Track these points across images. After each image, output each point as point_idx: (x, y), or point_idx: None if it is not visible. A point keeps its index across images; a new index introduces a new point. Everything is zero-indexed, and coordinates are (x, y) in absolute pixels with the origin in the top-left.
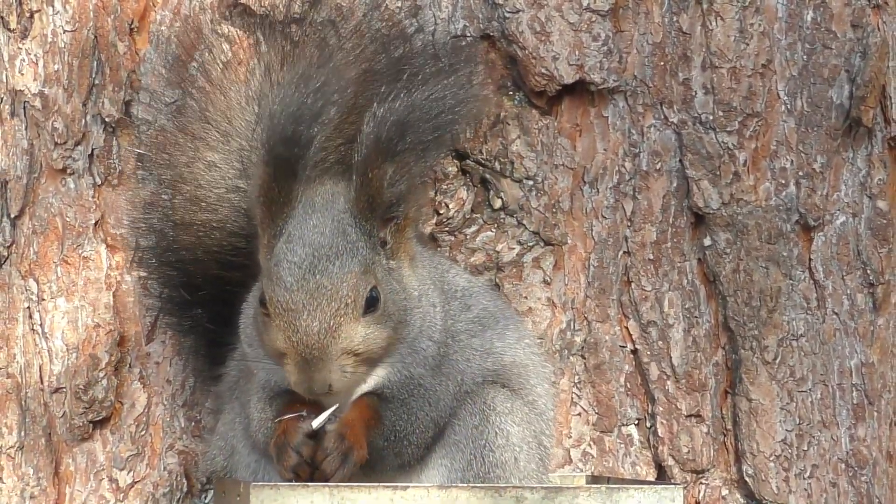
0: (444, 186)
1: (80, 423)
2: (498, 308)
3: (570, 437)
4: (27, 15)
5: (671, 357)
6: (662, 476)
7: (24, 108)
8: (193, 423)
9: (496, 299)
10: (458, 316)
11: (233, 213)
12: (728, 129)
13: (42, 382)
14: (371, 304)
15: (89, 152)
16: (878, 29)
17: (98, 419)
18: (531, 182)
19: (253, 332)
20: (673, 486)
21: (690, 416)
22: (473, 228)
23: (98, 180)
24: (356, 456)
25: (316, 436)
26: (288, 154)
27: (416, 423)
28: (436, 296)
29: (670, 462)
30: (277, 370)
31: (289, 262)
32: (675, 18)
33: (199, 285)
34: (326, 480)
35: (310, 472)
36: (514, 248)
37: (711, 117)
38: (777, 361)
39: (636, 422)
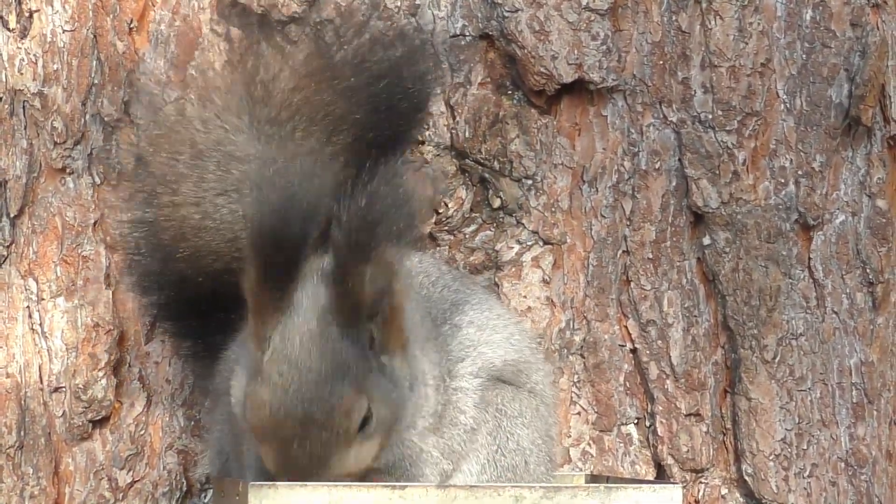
0: (443, 186)
1: (80, 423)
2: (485, 314)
3: (570, 436)
4: (26, 14)
5: (670, 356)
6: (662, 475)
7: (24, 107)
8: (193, 423)
9: (482, 303)
10: (449, 344)
11: (226, 222)
12: (727, 128)
13: (41, 382)
14: (364, 424)
15: (89, 152)
16: (878, 28)
17: (97, 418)
18: (530, 181)
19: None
20: (671, 485)
21: (690, 415)
22: (472, 228)
23: (97, 180)
24: None
25: None
26: (282, 260)
27: (425, 478)
28: (428, 366)
29: (670, 461)
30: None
31: (274, 385)
32: (674, 17)
33: (194, 299)
34: None
35: None
36: (513, 248)
37: (710, 116)
38: (776, 360)
39: (635, 421)
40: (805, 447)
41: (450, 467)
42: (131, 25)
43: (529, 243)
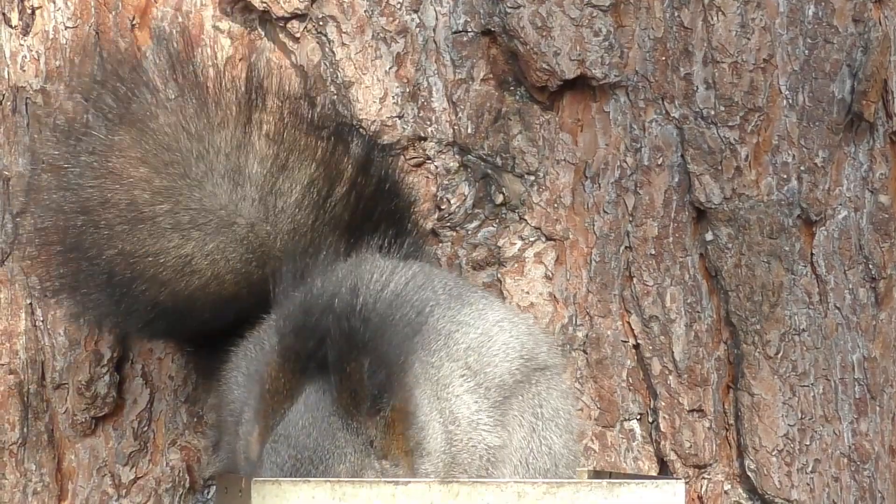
0: (446, 182)
1: (83, 419)
2: (485, 326)
3: None
4: (29, 11)
5: (673, 352)
6: (665, 471)
7: (26, 104)
8: (196, 419)
9: (479, 309)
10: (452, 383)
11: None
12: (730, 123)
13: (44, 378)
14: None
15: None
16: (880, 23)
17: (100, 415)
18: (533, 177)
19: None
20: (674, 480)
21: (692, 410)
22: (475, 224)
23: None
24: None
25: None
26: (302, 348)
27: None
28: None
29: (672, 457)
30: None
31: (272, 464)
32: (676, 13)
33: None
34: None
35: None
36: (515, 244)
37: (713, 112)
38: (779, 356)
39: (638, 417)
40: (808, 443)
41: None
42: (133, 22)
43: (532, 239)
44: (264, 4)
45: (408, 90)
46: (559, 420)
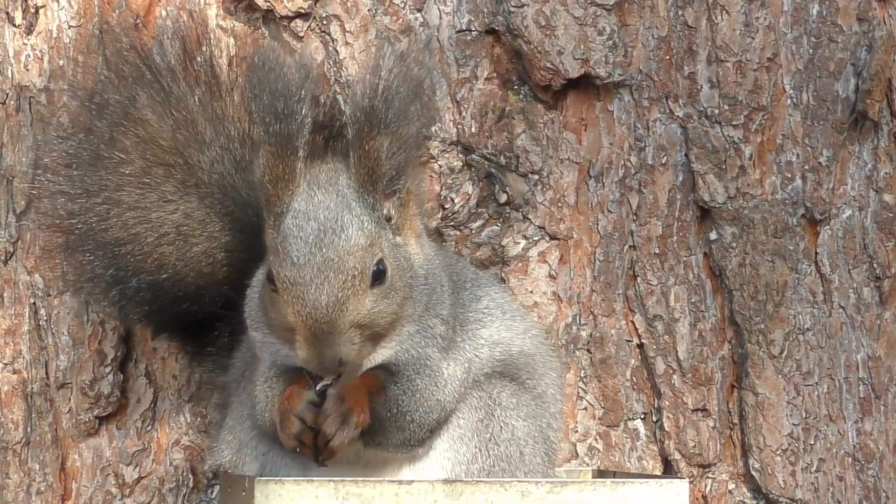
0: (450, 181)
1: (87, 419)
2: (505, 300)
3: (577, 431)
4: (32, 10)
5: (677, 351)
6: (669, 470)
7: (30, 103)
8: (199, 419)
9: (503, 291)
10: (468, 305)
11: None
12: (734, 122)
13: (48, 378)
14: (378, 276)
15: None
16: (884, 22)
17: (104, 414)
18: (536, 176)
19: (259, 314)
20: (677, 479)
21: (697, 410)
22: (479, 223)
23: None
24: (357, 419)
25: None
26: (286, 130)
27: (421, 401)
28: (444, 276)
29: (677, 456)
30: (284, 349)
31: (295, 238)
32: (680, 12)
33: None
34: (328, 443)
35: (312, 437)
36: (519, 243)
37: (717, 111)
38: (783, 355)
39: (642, 416)
40: (812, 442)
41: (442, 398)
42: (137, 21)
43: (536, 238)
44: (268, 3)
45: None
46: (519, 411)
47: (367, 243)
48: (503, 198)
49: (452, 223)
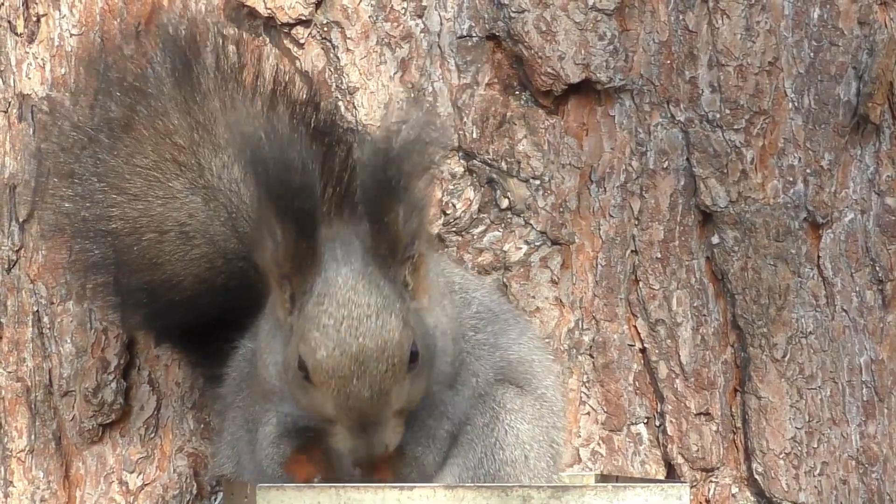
0: (451, 187)
1: (90, 426)
2: (495, 304)
3: (580, 436)
4: (34, 19)
5: (680, 356)
6: (672, 475)
7: (32, 112)
8: (203, 426)
9: (492, 295)
10: (462, 312)
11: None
12: (735, 127)
13: (52, 386)
14: (413, 359)
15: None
16: (886, 26)
17: (108, 422)
18: (538, 182)
19: (276, 384)
20: (679, 483)
21: (699, 414)
22: (480, 228)
23: None
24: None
25: None
26: (304, 205)
27: (436, 440)
28: (446, 321)
29: (680, 460)
30: (296, 412)
31: (326, 326)
32: (681, 17)
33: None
34: None
35: None
36: (521, 248)
37: (718, 115)
38: (786, 359)
39: (645, 420)
40: (815, 445)
41: (453, 429)
42: (138, 29)
43: (538, 244)
44: (269, 10)
45: (412, 95)
46: (524, 414)
47: (401, 326)
48: (505, 203)
49: (454, 229)
